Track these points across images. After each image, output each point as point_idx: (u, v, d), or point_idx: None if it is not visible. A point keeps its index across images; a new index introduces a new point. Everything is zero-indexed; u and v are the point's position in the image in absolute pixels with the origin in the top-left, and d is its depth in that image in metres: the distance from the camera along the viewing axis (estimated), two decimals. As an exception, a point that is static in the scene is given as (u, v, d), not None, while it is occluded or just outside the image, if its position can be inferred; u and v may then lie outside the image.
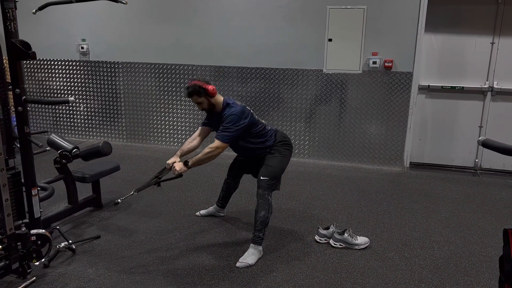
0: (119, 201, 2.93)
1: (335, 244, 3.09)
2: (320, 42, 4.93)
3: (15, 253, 2.47)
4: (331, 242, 3.11)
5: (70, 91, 6.00)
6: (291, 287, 2.60)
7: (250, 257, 2.86)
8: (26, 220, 2.73)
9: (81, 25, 5.71)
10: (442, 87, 4.97)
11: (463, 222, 3.58)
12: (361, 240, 3.10)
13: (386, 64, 4.77)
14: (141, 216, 3.57)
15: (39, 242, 2.57)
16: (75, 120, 6.10)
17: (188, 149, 3.12)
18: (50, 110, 6.17)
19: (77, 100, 5.98)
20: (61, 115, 6.15)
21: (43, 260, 2.63)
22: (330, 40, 4.90)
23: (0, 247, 2.39)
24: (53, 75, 6.02)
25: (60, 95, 6.05)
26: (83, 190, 3.72)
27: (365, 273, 2.77)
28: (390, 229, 3.42)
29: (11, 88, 2.61)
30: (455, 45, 4.86)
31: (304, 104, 5.16)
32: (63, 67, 5.95)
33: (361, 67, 4.87)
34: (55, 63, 5.97)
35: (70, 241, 2.94)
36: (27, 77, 6.11)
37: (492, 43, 4.77)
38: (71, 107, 6.07)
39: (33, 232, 2.56)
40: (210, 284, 2.61)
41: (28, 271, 2.55)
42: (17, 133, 2.70)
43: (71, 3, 3.12)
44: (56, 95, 6.08)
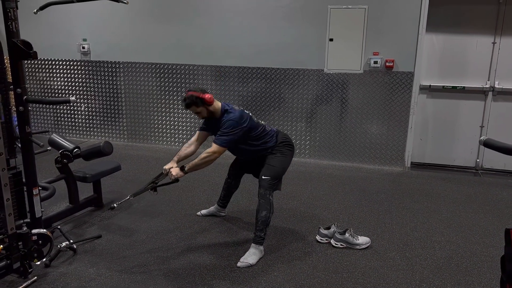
0: (115, 205, 2.93)
1: (336, 244, 3.09)
2: (321, 42, 4.93)
3: (16, 253, 2.47)
4: (332, 242, 3.11)
5: (71, 91, 6.01)
6: (292, 287, 2.60)
7: (251, 256, 2.86)
8: (27, 220, 2.74)
9: (82, 25, 5.71)
10: (443, 87, 4.97)
11: (465, 222, 3.58)
12: (362, 240, 3.10)
13: (387, 64, 4.77)
14: (142, 215, 3.57)
15: (40, 241, 2.58)
16: (76, 120, 6.10)
17: (185, 155, 3.12)
18: (51, 110, 6.17)
19: (78, 100, 5.98)
20: (62, 115, 6.15)
21: (44, 259, 2.64)
22: (331, 40, 4.90)
23: (1, 246, 2.39)
24: (54, 75, 6.03)
25: (61, 95, 6.06)
26: (84, 190, 3.72)
27: (366, 273, 2.77)
28: (391, 229, 3.42)
29: (12, 87, 2.61)
30: (456, 45, 4.86)
31: (305, 104, 5.16)
32: (64, 67, 5.95)
33: (362, 67, 4.87)
34: (56, 63, 5.97)
35: (71, 241, 2.95)
36: (28, 77, 6.11)
37: (494, 43, 4.77)
38: (72, 107, 6.07)
39: (34, 231, 2.57)
40: (211, 283, 2.61)
41: (29, 270, 2.55)
42: (18, 132, 2.70)
43: (72, 2, 3.12)
44: (57, 95, 6.08)
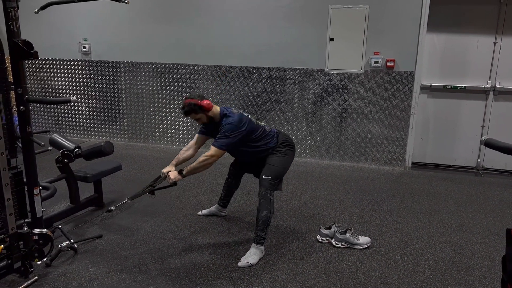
0: (112, 208, 2.94)
1: (337, 244, 3.08)
2: (322, 42, 4.93)
3: (17, 253, 2.47)
4: (333, 242, 3.10)
5: (72, 91, 6.01)
6: (293, 286, 2.60)
7: (251, 256, 2.86)
8: (28, 220, 2.74)
9: (83, 24, 5.71)
10: (444, 86, 4.96)
11: (465, 222, 3.58)
12: (363, 240, 3.10)
13: (388, 63, 4.76)
14: (142, 215, 3.57)
15: (41, 241, 2.58)
16: (77, 119, 6.10)
17: (183, 158, 3.13)
18: (52, 109, 6.18)
19: (79, 100, 5.99)
20: (63, 114, 6.15)
21: (45, 259, 2.64)
22: (332, 39, 4.89)
23: (2, 246, 2.40)
24: (55, 74, 6.03)
25: (62, 94, 6.06)
26: (85, 190, 3.72)
27: (367, 273, 2.77)
28: (392, 229, 3.41)
29: (13, 87, 2.61)
30: (457, 45, 4.85)
31: (306, 103, 5.16)
32: (65, 66, 5.96)
33: (363, 67, 4.87)
34: (57, 62, 5.98)
35: (72, 241, 2.95)
36: (29, 77, 6.12)
37: (495, 42, 4.76)
38: (73, 107, 6.08)
39: (35, 231, 2.57)
40: (211, 283, 2.61)
41: (30, 270, 2.55)
42: (19, 132, 2.70)
43: (73, 2, 3.12)
44: (58, 94, 6.09)
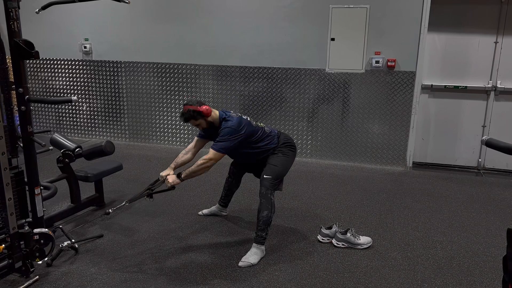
0: (110, 211, 2.95)
1: (337, 244, 3.08)
2: (322, 42, 4.93)
3: (18, 252, 2.47)
4: (334, 241, 3.10)
5: (73, 91, 6.02)
6: (294, 286, 2.60)
7: (252, 256, 2.86)
8: (29, 219, 2.74)
9: (84, 24, 5.72)
10: (445, 86, 4.96)
11: (466, 222, 3.57)
12: (364, 240, 3.10)
13: (389, 63, 4.76)
14: (143, 215, 3.57)
15: (42, 241, 2.58)
16: (78, 119, 6.11)
17: (182, 161, 3.13)
18: (53, 109, 6.18)
19: (80, 100, 5.99)
20: (64, 114, 6.16)
21: (46, 259, 2.64)
22: (333, 39, 4.89)
23: (3, 246, 2.40)
24: (56, 74, 6.03)
25: (63, 94, 6.07)
26: (86, 189, 3.73)
27: (368, 272, 2.77)
28: (392, 228, 3.41)
29: (14, 87, 2.61)
30: (458, 45, 4.85)
31: (306, 103, 5.15)
32: (66, 66, 5.96)
33: (364, 67, 4.86)
34: (58, 62, 5.98)
35: (73, 240, 2.95)
36: (30, 77, 6.12)
37: (496, 42, 4.76)
38: (74, 107, 6.08)
39: (36, 231, 2.57)
40: (212, 283, 2.61)
41: (31, 270, 2.56)
42: (20, 132, 2.71)
43: (73, 2, 3.12)
44: (59, 94, 6.09)
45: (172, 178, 2.92)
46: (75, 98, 2.61)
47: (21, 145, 2.73)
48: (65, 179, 3.44)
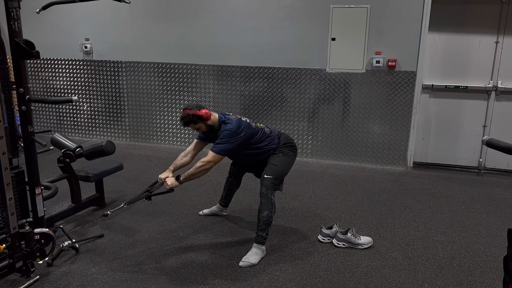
0: (109, 213, 2.95)
1: (338, 244, 3.08)
2: (323, 41, 4.92)
3: (19, 252, 2.48)
4: (334, 241, 3.10)
5: (73, 91, 6.02)
6: (294, 286, 2.60)
7: (253, 256, 2.86)
8: (30, 219, 2.74)
9: (85, 24, 5.72)
10: (445, 86, 4.95)
11: (467, 222, 3.57)
12: (364, 240, 3.09)
13: (389, 63, 4.76)
14: (144, 215, 3.57)
15: (42, 241, 2.58)
16: (79, 119, 6.11)
17: (181, 164, 3.13)
18: (54, 109, 6.19)
19: (80, 100, 6.00)
20: (64, 114, 6.16)
21: (46, 259, 2.64)
22: (334, 39, 4.89)
23: (4, 245, 2.40)
24: (57, 74, 6.04)
25: (63, 94, 6.07)
26: (87, 189, 3.73)
27: (368, 272, 2.76)
28: (393, 228, 3.41)
29: (15, 87, 2.61)
30: (459, 45, 4.84)
31: (307, 103, 5.15)
32: (66, 66, 5.97)
33: (365, 67, 4.86)
34: (59, 62, 5.98)
35: (74, 240, 2.95)
36: (30, 77, 6.12)
37: (496, 42, 4.75)
38: (74, 107, 6.09)
39: (36, 231, 2.57)
40: (213, 283, 2.61)
41: (32, 269, 2.56)
42: (21, 132, 2.71)
43: (74, 2, 3.12)
44: (59, 94, 6.10)
45: (171, 181, 2.92)
46: (75, 98, 2.61)
47: (22, 145, 2.73)
48: (65, 179, 3.44)
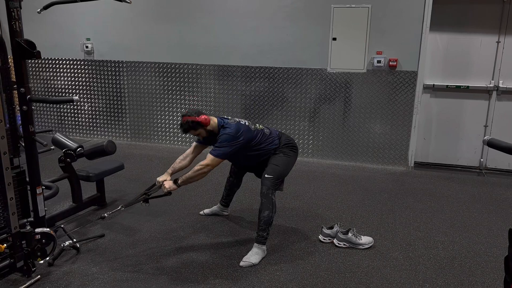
0: (106, 215, 2.95)
1: (339, 244, 3.08)
2: (324, 41, 4.92)
3: (20, 252, 2.48)
4: (335, 241, 3.10)
5: (74, 90, 6.02)
6: (295, 286, 2.60)
7: (253, 256, 2.86)
8: (31, 219, 2.75)
9: (86, 24, 5.72)
10: (447, 86, 4.95)
11: (468, 222, 3.56)
12: (365, 240, 3.09)
13: (390, 63, 4.75)
14: (145, 215, 3.58)
15: (43, 240, 2.59)
16: (80, 119, 6.12)
17: (179, 167, 3.12)
18: (55, 109, 6.19)
19: (81, 99, 6.00)
20: (65, 114, 6.17)
21: (47, 258, 2.64)
22: (335, 39, 4.88)
23: (5, 245, 2.40)
24: (58, 74, 6.04)
25: (64, 94, 6.08)
26: (88, 189, 3.73)
27: (369, 273, 2.76)
28: (394, 228, 3.41)
29: (16, 87, 2.62)
30: (460, 44, 4.84)
31: (308, 103, 5.15)
32: (67, 66, 5.97)
33: (366, 66, 4.86)
34: (60, 62, 5.99)
35: (75, 240, 2.95)
36: (32, 76, 6.13)
37: (498, 42, 4.74)
38: (75, 106, 6.09)
39: (37, 230, 2.58)
40: (213, 283, 2.61)
41: (33, 269, 2.57)
42: (22, 132, 2.71)
43: (75, 2, 3.12)
44: (60, 94, 6.10)
45: (168, 184, 2.92)
46: (76, 97, 2.61)
47: (23, 144, 2.74)
48: (66, 178, 3.44)
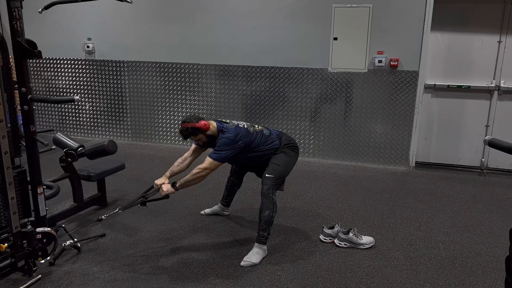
0: (103, 217, 2.96)
1: (340, 244, 3.08)
2: (325, 41, 4.92)
3: (21, 251, 2.48)
4: (336, 241, 3.10)
5: (75, 90, 6.03)
6: (296, 286, 2.60)
7: (254, 256, 2.86)
8: (32, 218, 2.75)
9: (87, 24, 5.73)
10: (448, 86, 4.94)
11: (469, 222, 3.56)
12: (366, 240, 3.09)
13: (391, 63, 4.75)
14: (145, 214, 3.58)
15: (44, 240, 2.59)
16: (81, 118, 6.12)
17: (178, 170, 3.12)
18: (56, 108, 6.20)
19: (82, 99, 6.00)
20: (66, 113, 6.17)
21: (48, 258, 2.65)
22: (336, 38, 4.88)
23: (6, 245, 2.41)
24: (59, 74, 6.05)
25: (65, 94, 6.08)
26: (89, 189, 3.73)
27: (370, 272, 2.76)
28: (395, 228, 3.40)
29: (17, 86, 2.62)
30: (461, 44, 4.83)
31: (309, 103, 5.15)
32: (68, 66, 5.98)
33: (367, 66, 4.85)
34: (61, 62, 5.99)
35: (76, 239, 2.96)
36: (33, 76, 6.14)
37: (499, 41, 4.74)
38: (76, 106, 6.09)
39: (38, 230, 2.58)
40: (214, 283, 2.61)
41: (34, 269, 2.57)
42: (23, 131, 2.72)
43: (76, 2, 3.13)
44: (61, 94, 6.11)
45: (166, 187, 2.92)
46: (77, 97, 2.61)
47: (24, 144, 2.74)
48: (67, 178, 3.45)
